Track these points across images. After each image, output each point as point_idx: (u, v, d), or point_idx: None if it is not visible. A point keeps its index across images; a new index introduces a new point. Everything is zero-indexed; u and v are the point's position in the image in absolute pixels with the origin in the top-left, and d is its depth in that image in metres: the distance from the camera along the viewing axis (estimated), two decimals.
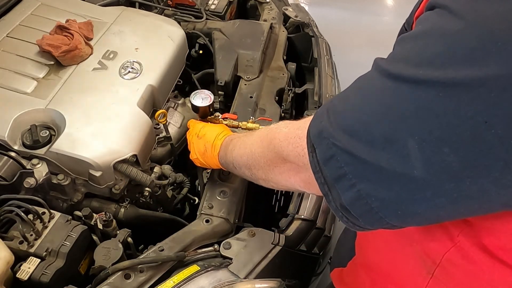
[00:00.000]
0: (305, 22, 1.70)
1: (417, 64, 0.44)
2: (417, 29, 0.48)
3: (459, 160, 0.42)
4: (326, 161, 0.51)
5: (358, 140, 0.48)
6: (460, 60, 0.41)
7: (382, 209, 0.49)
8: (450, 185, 0.43)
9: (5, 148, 0.98)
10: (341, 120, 0.51)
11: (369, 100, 0.49)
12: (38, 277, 0.82)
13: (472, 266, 0.53)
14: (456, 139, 0.41)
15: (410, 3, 0.65)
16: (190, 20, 1.57)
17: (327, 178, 0.52)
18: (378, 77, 0.49)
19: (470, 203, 0.45)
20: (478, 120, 0.40)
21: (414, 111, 0.43)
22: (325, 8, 3.58)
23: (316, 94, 1.40)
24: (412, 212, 0.48)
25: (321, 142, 0.52)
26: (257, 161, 0.77)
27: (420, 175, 0.44)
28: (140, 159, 1.07)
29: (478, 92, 0.39)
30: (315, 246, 1.06)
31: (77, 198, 1.05)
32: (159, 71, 1.20)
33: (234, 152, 0.86)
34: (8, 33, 1.20)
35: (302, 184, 0.67)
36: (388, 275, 0.69)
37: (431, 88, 0.42)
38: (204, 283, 0.86)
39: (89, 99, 1.08)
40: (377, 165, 0.46)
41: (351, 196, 0.50)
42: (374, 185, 0.48)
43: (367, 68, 0.55)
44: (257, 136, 0.79)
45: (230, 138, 0.92)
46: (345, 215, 0.53)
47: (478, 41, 0.40)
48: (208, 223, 0.97)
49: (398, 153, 0.45)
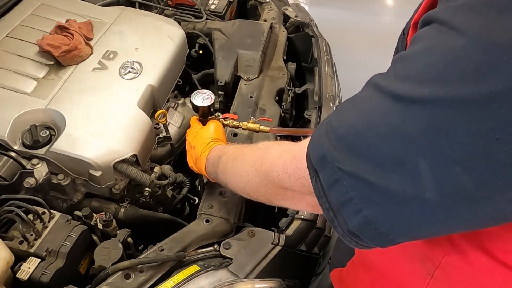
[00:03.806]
0: (305, 22, 1.70)
1: (422, 82, 0.43)
2: (417, 46, 0.46)
3: (473, 180, 0.40)
4: (330, 186, 0.50)
5: (365, 162, 0.46)
6: (467, 76, 0.39)
7: (393, 233, 0.48)
8: (464, 207, 0.42)
9: (5, 148, 0.98)
10: (346, 143, 0.49)
11: (375, 122, 0.47)
12: (38, 277, 0.82)
13: (473, 269, 0.53)
14: (468, 158, 0.40)
15: (410, 3, 0.64)
16: (190, 20, 1.57)
17: (332, 203, 0.50)
18: (382, 99, 0.47)
19: (485, 222, 0.44)
20: (490, 137, 0.38)
21: (423, 131, 0.42)
22: (325, 8, 3.58)
23: (316, 94, 1.40)
24: (424, 234, 0.48)
25: (324, 167, 0.50)
26: (255, 189, 0.74)
27: (432, 197, 0.42)
28: (140, 159, 1.07)
29: (488, 108, 0.38)
30: (315, 246, 1.06)
31: (77, 198, 1.05)
32: (159, 71, 1.21)
33: (227, 176, 0.83)
34: (8, 33, 1.20)
35: (309, 208, 0.65)
36: (388, 276, 0.69)
37: (439, 106, 0.41)
38: (204, 283, 0.86)
39: (89, 99, 1.08)
40: (386, 188, 0.45)
41: (358, 222, 0.48)
42: (383, 210, 0.46)
43: (367, 68, 0.54)
44: (250, 164, 0.74)
45: (218, 154, 0.88)
46: (354, 240, 0.51)
47: (484, 56, 0.38)
48: (208, 223, 0.97)
49: (409, 175, 0.43)
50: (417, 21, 0.51)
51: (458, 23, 0.41)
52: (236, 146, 0.86)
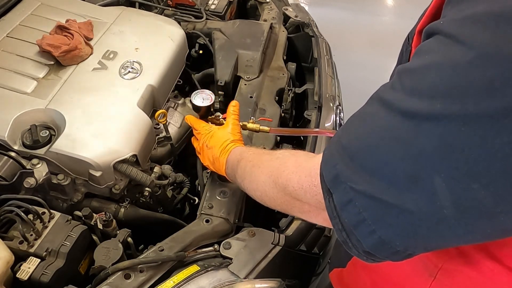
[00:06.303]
0: (305, 22, 1.69)
1: (432, 97, 0.42)
2: (423, 59, 0.45)
3: (491, 195, 0.40)
4: (343, 206, 0.49)
5: (379, 181, 0.46)
6: (479, 91, 0.39)
7: (410, 249, 0.47)
8: (483, 222, 0.42)
9: (5, 148, 0.98)
10: (359, 162, 0.48)
11: (386, 140, 0.46)
12: (38, 277, 0.82)
13: (477, 273, 0.52)
14: (485, 174, 0.39)
15: (410, 3, 0.64)
16: (190, 20, 1.57)
17: (345, 224, 0.50)
18: (391, 115, 0.46)
19: (504, 235, 0.44)
20: (506, 152, 0.38)
21: (437, 148, 0.41)
22: (325, 8, 3.58)
23: (316, 94, 1.40)
24: (442, 246, 0.48)
25: (337, 187, 0.50)
26: (272, 200, 0.73)
27: (450, 214, 0.42)
28: (140, 159, 1.07)
29: (503, 123, 0.38)
30: (315, 246, 1.06)
31: (77, 198, 1.05)
32: (159, 71, 1.20)
33: (245, 182, 0.82)
34: (8, 33, 1.20)
35: (326, 223, 0.63)
36: (389, 277, 0.69)
37: (452, 122, 0.40)
38: (204, 283, 0.86)
39: (89, 99, 1.08)
40: (401, 207, 0.44)
41: (373, 243, 0.48)
42: (398, 230, 0.46)
43: (367, 68, 0.53)
44: (267, 175, 0.73)
45: (237, 158, 0.87)
46: (371, 258, 0.51)
47: (495, 70, 0.38)
48: (208, 223, 0.97)
49: (425, 193, 0.42)
50: (422, 29, 0.50)
51: (465, 37, 0.41)
52: (255, 152, 0.85)
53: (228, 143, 0.93)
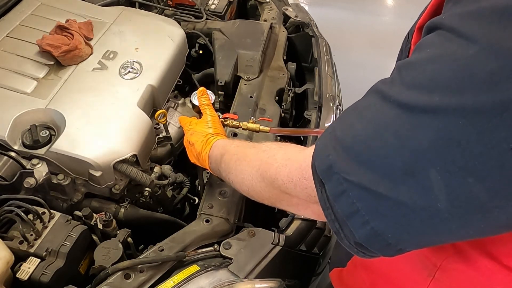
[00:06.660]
0: (305, 22, 1.70)
1: (431, 90, 0.42)
2: (423, 53, 0.45)
3: (486, 190, 0.40)
4: (336, 197, 0.49)
5: (373, 173, 0.45)
6: (479, 85, 0.39)
7: (401, 243, 0.47)
8: (477, 216, 0.41)
9: (5, 148, 0.98)
10: (353, 153, 0.48)
11: (382, 132, 0.46)
12: (38, 277, 0.82)
13: (475, 272, 0.52)
14: (481, 168, 0.39)
15: (410, 3, 0.64)
16: (190, 20, 1.57)
17: (338, 215, 0.49)
18: (388, 107, 0.46)
19: (497, 230, 0.44)
20: (503, 147, 0.38)
21: (433, 141, 0.41)
22: (325, 8, 3.59)
23: (316, 94, 1.40)
24: (434, 242, 0.48)
25: (330, 178, 0.49)
26: (260, 194, 0.73)
27: (444, 208, 0.42)
28: (140, 159, 1.07)
29: (501, 118, 0.37)
30: (315, 246, 1.06)
31: (77, 198, 1.05)
32: (159, 71, 1.21)
33: (230, 176, 0.81)
34: (8, 33, 1.20)
35: (314, 216, 0.64)
36: (388, 276, 0.69)
37: (450, 115, 0.40)
38: (204, 283, 0.86)
39: (89, 99, 1.08)
40: (395, 199, 0.44)
41: (365, 234, 0.47)
42: (391, 221, 0.45)
43: (367, 68, 0.53)
44: (254, 169, 0.72)
45: (220, 152, 0.86)
46: (362, 251, 0.51)
47: (496, 65, 0.38)
48: (208, 223, 0.97)
49: (420, 185, 0.42)
50: (422, 25, 0.50)
51: (467, 31, 0.41)
52: (239, 144, 0.84)
53: (209, 138, 0.92)
